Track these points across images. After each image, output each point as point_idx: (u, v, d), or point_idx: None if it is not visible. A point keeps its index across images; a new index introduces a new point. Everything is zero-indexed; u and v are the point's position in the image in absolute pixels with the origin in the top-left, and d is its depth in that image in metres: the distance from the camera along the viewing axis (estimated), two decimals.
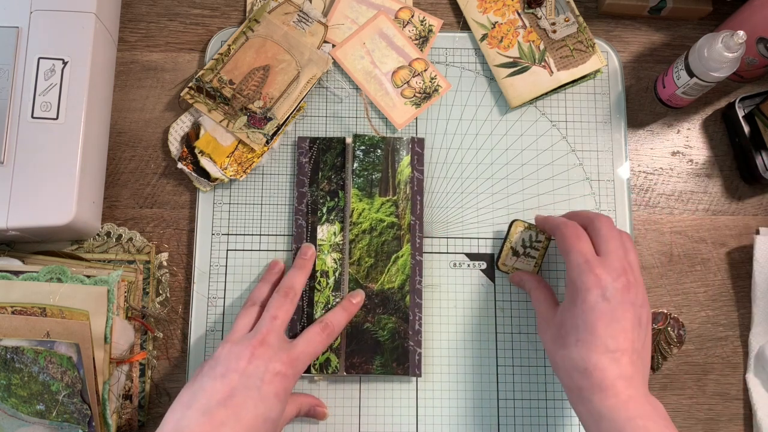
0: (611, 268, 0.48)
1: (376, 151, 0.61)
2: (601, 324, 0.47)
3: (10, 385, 0.50)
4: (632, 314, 0.47)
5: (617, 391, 0.45)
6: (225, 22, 0.65)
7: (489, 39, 0.64)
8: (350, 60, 0.63)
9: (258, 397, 0.47)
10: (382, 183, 0.60)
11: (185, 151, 0.60)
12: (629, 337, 0.47)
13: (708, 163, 0.64)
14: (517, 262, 0.59)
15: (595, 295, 0.47)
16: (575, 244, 0.50)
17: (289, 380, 0.50)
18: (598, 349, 0.46)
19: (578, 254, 0.49)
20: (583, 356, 0.46)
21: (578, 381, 0.47)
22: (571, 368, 0.47)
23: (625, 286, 0.48)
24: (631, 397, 0.45)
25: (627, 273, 0.48)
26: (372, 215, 0.59)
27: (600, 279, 0.48)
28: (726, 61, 0.54)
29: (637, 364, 0.47)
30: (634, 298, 0.48)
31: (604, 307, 0.47)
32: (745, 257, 0.62)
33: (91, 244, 0.59)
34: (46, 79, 0.55)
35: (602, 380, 0.45)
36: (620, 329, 0.47)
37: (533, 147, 0.63)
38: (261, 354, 0.49)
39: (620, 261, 0.49)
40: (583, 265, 0.48)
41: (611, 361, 0.46)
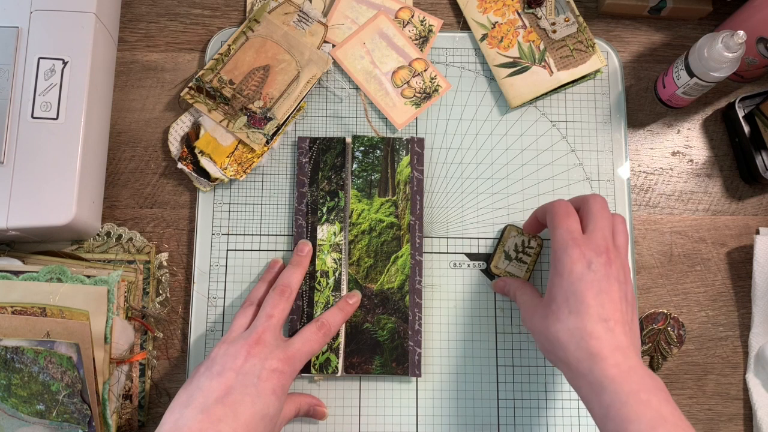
0: (594, 245, 0.49)
1: (375, 151, 0.61)
2: (591, 293, 0.47)
3: (10, 385, 0.50)
4: (618, 288, 0.48)
5: (617, 361, 0.45)
6: (225, 22, 0.65)
7: (489, 39, 0.64)
8: (350, 60, 0.63)
9: (255, 393, 0.47)
10: (381, 183, 0.60)
11: (185, 151, 0.60)
12: (618, 308, 0.47)
13: (708, 163, 0.64)
14: (509, 266, 0.59)
15: (580, 266, 0.48)
16: (563, 220, 0.50)
17: (286, 377, 0.50)
18: (592, 317, 0.46)
19: (564, 231, 0.50)
20: (579, 326, 0.46)
21: (576, 353, 0.46)
22: (567, 340, 0.47)
23: (606, 261, 0.48)
24: (632, 368, 0.45)
25: (609, 251, 0.49)
26: (371, 216, 0.59)
27: (584, 254, 0.48)
28: (726, 61, 0.54)
29: (629, 336, 0.47)
30: (617, 273, 0.48)
31: (591, 277, 0.47)
32: (745, 257, 0.62)
33: (91, 244, 0.59)
34: (46, 79, 0.55)
35: (600, 349, 0.45)
36: (608, 299, 0.47)
37: (533, 147, 0.63)
38: (257, 352, 0.50)
39: (604, 240, 0.49)
40: (569, 241, 0.49)
41: (606, 330, 0.46)
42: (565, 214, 0.51)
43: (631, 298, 0.49)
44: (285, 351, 0.51)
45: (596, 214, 0.51)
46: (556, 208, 0.52)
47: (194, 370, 0.50)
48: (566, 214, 0.51)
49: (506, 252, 0.59)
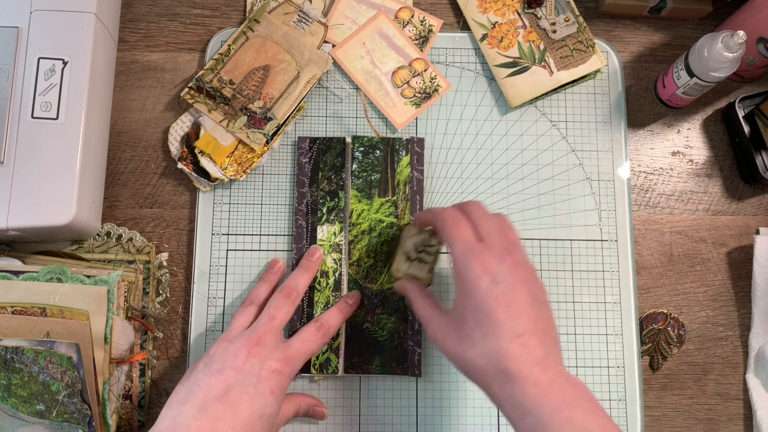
0: (495, 250, 0.46)
1: (375, 151, 0.61)
2: (500, 309, 0.44)
3: (10, 385, 0.50)
4: (526, 292, 0.46)
5: (536, 378, 0.43)
6: (225, 22, 0.65)
7: (489, 39, 0.64)
8: (350, 60, 0.63)
9: (254, 393, 0.47)
10: (381, 184, 0.60)
11: (185, 151, 0.60)
12: (531, 316, 0.45)
13: (708, 163, 0.64)
14: (411, 267, 0.55)
15: (486, 282, 0.45)
16: (455, 230, 0.48)
17: (284, 378, 0.50)
18: (506, 336, 0.44)
19: (460, 242, 0.47)
20: (494, 349, 0.44)
21: (495, 377, 0.44)
22: (484, 365, 0.45)
23: (512, 266, 0.46)
24: (552, 381, 0.43)
25: (512, 252, 0.47)
26: (371, 216, 0.59)
27: (486, 265, 0.46)
28: (726, 61, 0.54)
29: (546, 344, 0.45)
30: (524, 275, 0.46)
31: (499, 290, 0.45)
32: (745, 257, 0.62)
33: (91, 244, 0.59)
34: (46, 79, 0.55)
35: (519, 369, 0.43)
36: (519, 310, 0.45)
37: (533, 147, 0.63)
38: (257, 352, 0.49)
39: (501, 241, 0.47)
40: (468, 254, 0.46)
41: (521, 346, 0.44)
42: (455, 223, 0.49)
43: (540, 294, 0.47)
44: (284, 351, 0.51)
45: (482, 217, 0.49)
46: (445, 218, 0.50)
47: (192, 365, 0.50)
48: (456, 222, 0.49)
49: (406, 254, 0.56)
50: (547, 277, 0.60)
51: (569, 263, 0.61)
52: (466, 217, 0.49)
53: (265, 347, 0.50)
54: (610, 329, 0.60)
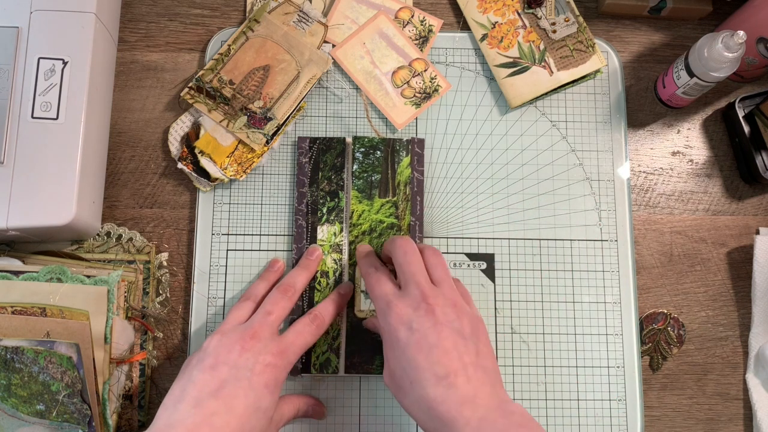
0: (410, 299, 0.48)
1: (375, 152, 0.61)
2: (421, 356, 0.45)
3: (10, 385, 0.50)
4: (448, 332, 0.46)
5: (466, 419, 0.43)
6: (225, 22, 0.65)
7: (489, 39, 0.64)
8: (350, 60, 0.63)
9: (248, 387, 0.47)
10: (381, 184, 0.60)
11: (185, 151, 0.60)
12: (454, 356, 0.45)
13: (708, 163, 0.64)
14: (372, 304, 0.57)
15: (403, 331, 0.47)
16: (375, 289, 0.51)
17: (279, 371, 0.49)
18: (430, 381, 0.44)
19: (379, 299, 0.50)
20: (421, 395, 0.45)
21: (430, 424, 0.44)
22: (419, 412, 0.45)
23: (427, 311, 0.47)
24: (482, 418, 0.43)
25: (427, 297, 0.48)
26: (372, 216, 0.59)
27: (401, 315, 0.47)
28: (726, 61, 0.54)
29: (475, 379, 0.45)
30: (443, 317, 0.47)
31: (416, 338, 0.46)
32: (745, 257, 0.62)
33: (91, 244, 0.59)
34: (46, 79, 0.55)
35: (448, 412, 0.43)
36: (441, 353, 0.45)
37: (533, 147, 0.63)
38: (251, 347, 0.49)
39: (418, 287, 0.48)
40: (386, 308, 0.49)
41: (446, 388, 0.44)
42: (376, 282, 0.51)
43: (469, 330, 0.47)
44: (278, 345, 0.50)
45: (402, 263, 0.51)
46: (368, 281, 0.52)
47: (187, 360, 0.50)
48: (377, 281, 0.51)
49: (364, 291, 0.57)
50: (547, 277, 0.60)
51: (569, 263, 0.61)
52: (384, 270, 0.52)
53: (259, 341, 0.50)
54: (610, 329, 0.60)
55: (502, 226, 0.61)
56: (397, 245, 0.52)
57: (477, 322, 0.49)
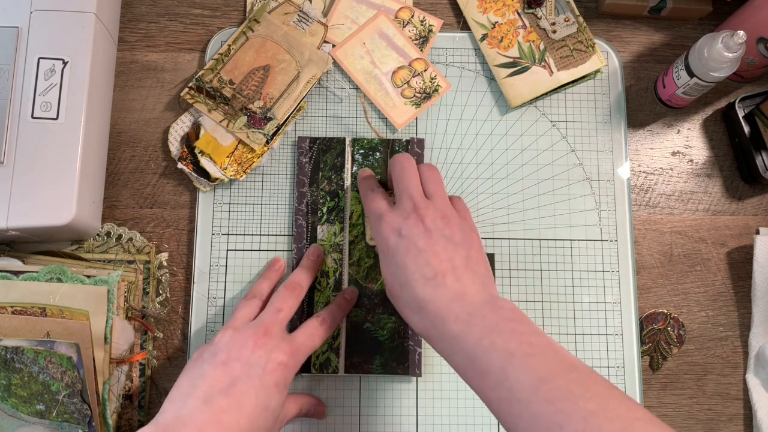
0: (401, 210, 0.49)
1: (374, 153, 0.61)
2: (409, 259, 0.47)
3: (10, 385, 0.50)
4: (437, 238, 0.47)
5: (456, 314, 0.44)
6: (225, 22, 0.65)
7: (489, 39, 0.64)
8: (350, 60, 0.63)
9: (259, 385, 0.47)
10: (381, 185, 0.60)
11: (185, 151, 0.60)
12: (443, 258, 0.46)
13: (708, 163, 0.64)
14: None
15: (393, 238, 0.48)
16: (370, 207, 0.52)
17: (289, 371, 0.49)
18: (419, 282, 0.46)
19: (373, 214, 0.51)
20: (411, 296, 0.46)
21: (421, 323, 0.46)
22: (411, 313, 0.47)
23: (416, 219, 0.48)
24: (471, 314, 0.44)
25: (418, 208, 0.49)
26: None
27: (391, 224, 0.49)
28: (726, 61, 0.54)
29: (464, 278, 0.46)
30: (432, 224, 0.48)
31: (405, 243, 0.47)
32: (745, 257, 0.62)
33: (91, 244, 0.59)
34: (46, 79, 0.55)
35: (437, 309, 0.44)
36: (430, 255, 0.46)
37: (533, 147, 0.63)
38: (263, 344, 0.49)
39: (410, 199, 0.50)
40: (377, 221, 0.50)
41: (435, 287, 0.45)
42: (372, 199, 0.52)
43: (459, 238, 0.48)
44: (290, 344, 0.50)
45: (397, 177, 0.52)
46: (364, 198, 0.54)
47: (196, 353, 0.50)
48: (372, 198, 0.53)
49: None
50: (547, 277, 0.60)
51: (569, 263, 0.61)
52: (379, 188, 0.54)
53: (271, 339, 0.50)
54: (610, 329, 0.60)
55: (502, 226, 0.61)
56: (395, 161, 0.53)
57: (469, 231, 0.50)
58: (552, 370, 0.40)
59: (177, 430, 0.44)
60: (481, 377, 0.42)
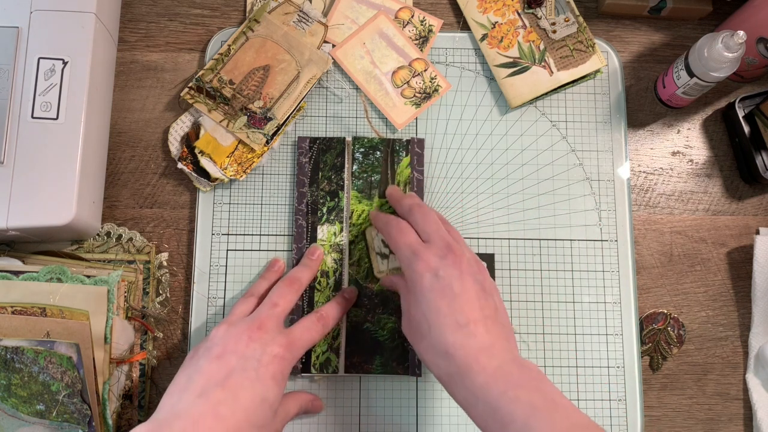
0: (437, 249, 0.49)
1: (375, 153, 0.61)
2: (444, 302, 0.46)
3: (10, 385, 0.50)
4: (472, 283, 0.47)
5: (482, 365, 0.44)
6: (225, 22, 0.65)
7: (489, 39, 0.64)
8: (350, 60, 0.63)
9: (255, 377, 0.47)
10: (381, 185, 0.60)
11: (185, 151, 0.60)
12: (476, 306, 0.46)
13: (708, 163, 0.64)
14: (390, 262, 0.58)
15: (428, 278, 0.48)
16: (400, 238, 0.51)
17: (286, 363, 0.49)
18: (450, 327, 0.46)
19: (405, 247, 0.50)
20: (439, 340, 0.46)
21: (445, 368, 0.46)
22: (434, 356, 0.46)
23: (454, 261, 0.48)
24: (498, 367, 0.44)
25: (453, 248, 0.49)
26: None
27: (428, 262, 0.48)
28: (726, 61, 0.54)
29: (493, 331, 0.46)
30: (468, 267, 0.48)
31: (440, 285, 0.47)
32: (745, 257, 0.62)
33: (91, 244, 0.59)
34: (46, 79, 0.55)
35: (465, 357, 0.44)
36: (464, 301, 0.46)
37: (533, 147, 0.63)
38: (258, 337, 0.49)
39: (443, 239, 0.50)
40: (411, 257, 0.49)
41: (466, 335, 0.45)
42: (400, 232, 0.52)
43: (489, 287, 0.49)
44: (286, 337, 0.50)
45: (422, 220, 0.51)
46: (390, 231, 0.52)
47: (192, 350, 0.50)
48: (400, 231, 0.52)
49: (379, 253, 0.58)
50: (547, 277, 0.60)
51: (569, 263, 0.61)
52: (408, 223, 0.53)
53: (267, 332, 0.50)
54: (610, 329, 0.60)
55: (502, 226, 0.61)
56: (414, 212, 0.53)
57: (493, 282, 0.50)
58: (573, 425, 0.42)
59: (171, 423, 0.44)
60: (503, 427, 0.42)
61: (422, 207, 0.53)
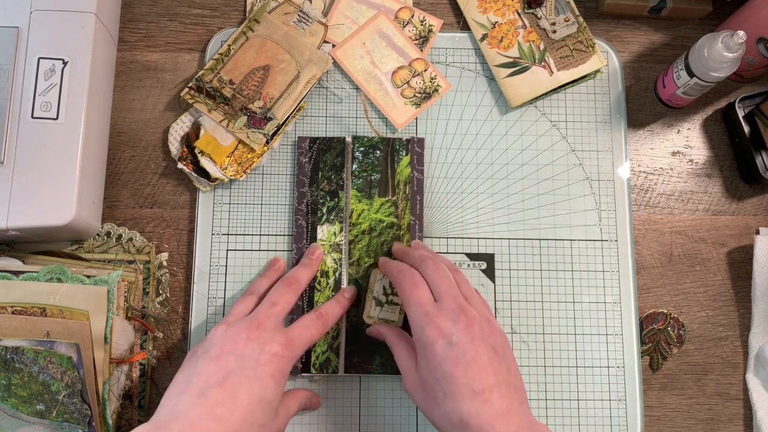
0: (449, 312, 0.48)
1: (375, 152, 0.61)
2: (458, 371, 0.45)
3: (10, 385, 0.50)
4: (485, 348, 0.46)
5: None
6: (225, 22, 0.65)
7: (489, 39, 0.64)
8: (350, 60, 0.63)
9: (253, 377, 0.47)
10: (381, 184, 0.60)
11: (185, 151, 0.60)
12: (489, 371, 0.46)
13: (708, 163, 0.64)
14: (382, 312, 0.56)
15: (442, 345, 0.46)
16: (412, 294, 0.50)
17: (285, 362, 0.49)
18: (465, 396, 0.45)
19: (416, 306, 0.49)
20: (454, 409, 0.45)
21: None
22: (449, 425, 0.45)
23: (467, 325, 0.47)
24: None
25: (465, 311, 0.48)
26: (372, 216, 0.59)
27: (441, 328, 0.47)
28: (726, 61, 0.54)
29: (507, 396, 0.45)
30: (480, 332, 0.47)
31: (455, 353, 0.46)
32: (745, 257, 0.62)
33: (91, 244, 0.59)
34: (46, 79, 0.55)
35: (481, 425, 0.44)
36: (478, 368, 0.45)
37: (533, 147, 0.63)
38: (257, 336, 0.49)
39: (455, 300, 0.48)
40: (423, 318, 0.48)
41: (481, 403, 0.44)
42: (413, 286, 0.50)
43: (501, 347, 0.48)
44: (285, 336, 0.50)
45: (434, 277, 0.50)
46: (402, 283, 0.51)
47: (191, 351, 0.50)
48: (414, 285, 0.50)
49: (376, 298, 0.57)
50: (547, 277, 0.60)
51: (569, 263, 0.61)
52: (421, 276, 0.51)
53: (265, 331, 0.49)
54: (610, 329, 0.60)
55: (502, 226, 0.61)
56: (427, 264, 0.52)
57: (504, 337, 0.50)
58: None
59: (170, 425, 0.44)
60: None
61: (434, 260, 0.52)
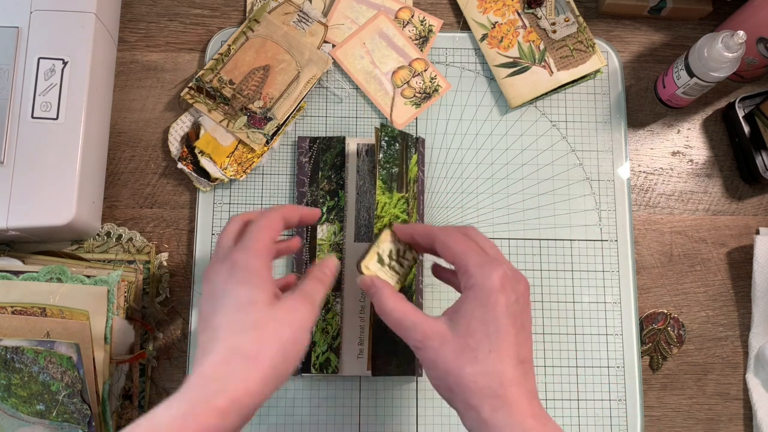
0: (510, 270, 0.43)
1: (395, 144, 0.59)
2: (513, 330, 0.42)
3: (10, 385, 0.50)
4: (529, 320, 0.44)
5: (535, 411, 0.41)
6: (225, 22, 0.65)
7: (489, 39, 0.64)
8: (350, 60, 0.63)
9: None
10: (399, 178, 0.59)
11: (185, 151, 0.60)
12: (530, 346, 0.43)
13: (708, 163, 0.64)
14: (380, 270, 0.50)
15: (507, 296, 0.42)
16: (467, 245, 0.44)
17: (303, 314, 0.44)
18: (512, 360, 0.41)
19: (476, 254, 0.43)
20: (497, 370, 0.41)
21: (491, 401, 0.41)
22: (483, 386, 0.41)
23: (525, 288, 0.44)
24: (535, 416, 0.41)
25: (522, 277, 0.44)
26: (390, 210, 0.58)
27: (508, 279, 0.42)
28: (726, 61, 0.54)
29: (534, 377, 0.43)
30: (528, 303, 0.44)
31: (515, 310, 0.42)
32: (745, 257, 0.62)
33: (91, 244, 0.59)
34: (46, 79, 0.55)
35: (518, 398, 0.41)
36: (526, 337, 0.43)
37: (533, 147, 0.63)
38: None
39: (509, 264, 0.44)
40: (489, 264, 0.42)
41: (523, 374, 0.42)
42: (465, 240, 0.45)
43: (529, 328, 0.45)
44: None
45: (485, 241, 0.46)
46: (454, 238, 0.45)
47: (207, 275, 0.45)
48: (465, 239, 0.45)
49: (380, 254, 0.50)
50: (547, 277, 0.60)
51: (569, 263, 0.61)
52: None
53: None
54: (610, 329, 0.60)
55: (502, 226, 0.61)
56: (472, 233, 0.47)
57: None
58: None
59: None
60: None
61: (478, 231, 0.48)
